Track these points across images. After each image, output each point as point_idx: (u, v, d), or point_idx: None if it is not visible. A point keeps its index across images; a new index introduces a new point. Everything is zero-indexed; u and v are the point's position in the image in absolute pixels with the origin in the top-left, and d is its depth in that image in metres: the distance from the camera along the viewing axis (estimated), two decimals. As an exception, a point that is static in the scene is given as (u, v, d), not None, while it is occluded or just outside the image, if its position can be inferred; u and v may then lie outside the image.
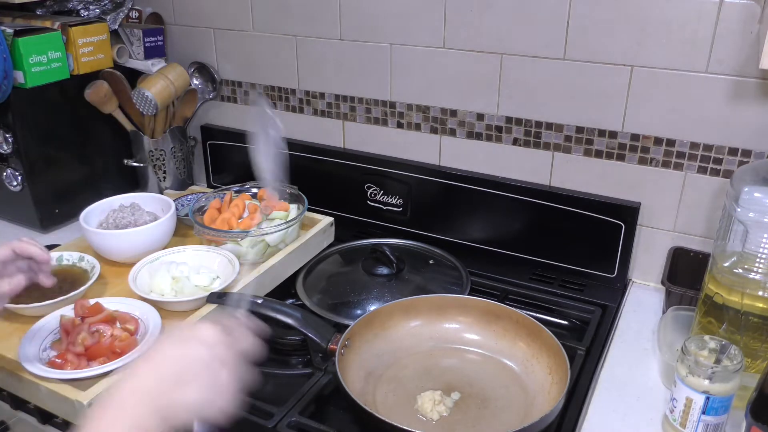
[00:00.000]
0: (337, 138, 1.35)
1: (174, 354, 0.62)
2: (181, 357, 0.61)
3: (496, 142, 1.19)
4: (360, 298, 1.06)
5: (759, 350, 0.84)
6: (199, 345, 0.62)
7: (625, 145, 1.08)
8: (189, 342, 0.63)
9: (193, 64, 1.43)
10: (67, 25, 1.29)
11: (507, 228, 1.21)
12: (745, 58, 0.95)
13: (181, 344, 0.63)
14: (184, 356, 0.61)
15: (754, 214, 0.80)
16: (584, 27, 1.04)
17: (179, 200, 1.32)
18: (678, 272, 1.07)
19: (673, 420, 0.81)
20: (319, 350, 0.93)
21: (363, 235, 1.30)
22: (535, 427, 0.77)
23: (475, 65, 1.15)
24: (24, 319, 0.96)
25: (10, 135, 1.27)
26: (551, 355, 0.89)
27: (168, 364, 0.61)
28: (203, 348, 0.62)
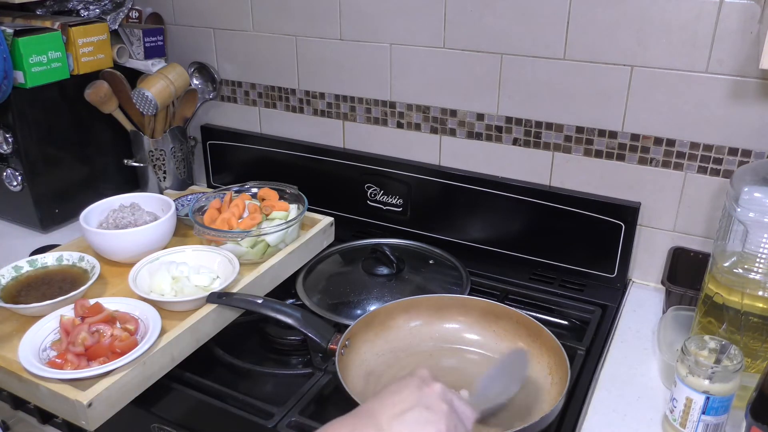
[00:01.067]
0: (337, 138, 1.35)
1: (414, 395, 0.65)
2: (421, 395, 0.65)
3: (496, 142, 1.19)
4: (360, 298, 1.06)
5: (759, 350, 0.84)
6: (439, 396, 0.66)
7: (625, 145, 1.09)
8: (428, 387, 0.66)
9: (193, 64, 1.43)
10: (67, 25, 1.29)
11: (507, 228, 1.21)
12: (745, 58, 0.95)
13: (420, 388, 0.66)
14: (424, 395, 0.65)
15: (754, 214, 0.80)
16: (584, 27, 1.04)
17: (179, 200, 1.32)
18: (678, 272, 1.07)
19: (673, 420, 0.81)
20: (319, 350, 0.93)
21: (363, 235, 1.30)
22: (535, 427, 0.77)
23: (475, 65, 1.15)
24: (24, 319, 0.96)
25: (10, 135, 1.27)
26: (551, 355, 0.89)
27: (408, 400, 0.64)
28: (441, 398, 0.66)
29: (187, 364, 0.93)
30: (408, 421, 0.62)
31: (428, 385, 0.67)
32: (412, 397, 0.65)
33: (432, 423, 0.63)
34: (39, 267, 1.07)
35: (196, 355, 0.95)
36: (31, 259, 1.07)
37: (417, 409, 0.63)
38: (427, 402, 0.64)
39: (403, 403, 0.64)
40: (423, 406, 0.64)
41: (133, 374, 0.85)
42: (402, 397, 0.65)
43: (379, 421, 0.62)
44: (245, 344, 1.05)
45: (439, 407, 0.64)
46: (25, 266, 1.06)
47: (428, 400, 0.65)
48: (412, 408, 0.63)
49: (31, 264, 1.07)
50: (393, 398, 0.65)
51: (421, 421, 0.62)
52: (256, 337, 1.06)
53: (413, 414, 0.63)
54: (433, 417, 0.63)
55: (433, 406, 0.64)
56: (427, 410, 0.63)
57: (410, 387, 0.66)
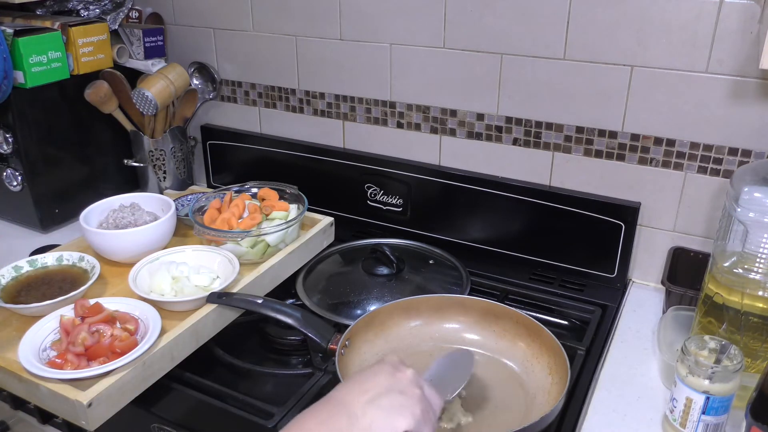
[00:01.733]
0: (337, 138, 1.35)
1: (386, 380, 0.65)
2: (394, 381, 0.65)
3: (496, 142, 1.19)
4: (360, 298, 1.06)
5: (759, 350, 0.84)
6: (412, 381, 0.65)
7: (625, 145, 1.08)
8: (400, 373, 0.66)
9: (193, 64, 1.43)
10: (67, 25, 1.29)
11: (507, 228, 1.21)
12: (745, 58, 0.95)
13: (392, 374, 0.66)
14: (397, 380, 0.65)
15: (754, 214, 0.80)
16: (584, 27, 1.04)
17: (179, 200, 1.32)
18: (678, 272, 1.07)
19: (673, 420, 0.81)
20: (319, 350, 0.93)
21: (363, 235, 1.30)
22: (535, 427, 0.77)
23: (475, 65, 1.15)
24: (24, 319, 0.96)
25: (10, 135, 1.27)
26: (551, 355, 0.89)
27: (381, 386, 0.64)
28: (414, 384, 0.65)
29: (187, 364, 0.93)
30: (383, 406, 0.61)
31: (400, 370, 0.66)
32: (385, 382, 0.64)
33: (406, 407, 0.62)
34: (39, 267, 1.07)
35: (196, 355, 0.95)
36: (31, 259, 1.07)
37: (391, 394, 0.63)
38: (400, 387, 0.64)
39: (376, 389, 0.63)
40: (396, 391, 0.63)
41: (133, 374, 0.85)
42: (375, 383, 0.64)
43: (352, 408, 0.61)
44: (245, 344, 1.05)
45: (413, 392, 0.64)
46: (25, 266, 1.06)
47: (401, 386, 0.64)
48: (386, 393, 0.63)
49: (31, 264, 1.07)
50: (365, 384, 0.64)
51: (395, 406, 0.62)
52: (256, 337, 1.06)
53: (387, 399, 0.62)
54: (408, 402, 0.63)
55: (406, 391, 0.64)
56: (400, 395, 0.63)
57: (382, 373, 0.66)
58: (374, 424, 0.60)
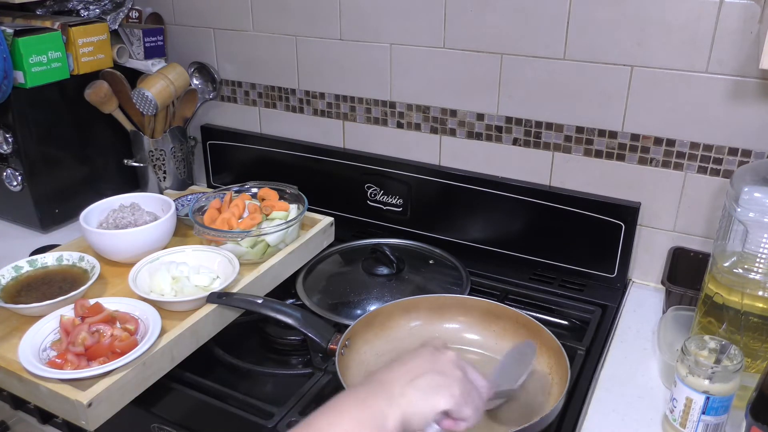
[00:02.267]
0: (337, 138, 1.35)
1: (427, 362, 0.65)
2: (434, 362, 0.65)
3: (496, 142, 1.19)
4: (360, 298, 1.06)
5: (759, 350, 0.84)
6: (452, 362, 0.66)
7: (625, 145, 1.08)
8: (441, 355, 0.66)
9: (193, 64, 1.43)
10: (67, 25, 1.29)
11: (507, 228, 1.21)
12: (745, 58, 0.95)
13: (433, 356, 0.66)
14: (437, 362, 0.65)
15: (754, 214, 0.80)
16: (584, 27, 1.04)
17: (179, 200, 1.32)
18: (678, 272, 1.07)
19: (673, 420, 0.81)
20: (319, 350, 0.93)
21: (363, 235, 1.30)
22: (535, 427, 0.77)
23: (475, 65, 1.15)
24: (24, 319, 0.96)
25: (10, 135, 1.27)
26: (551, 355, 0.89)
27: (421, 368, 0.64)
28: (455, 365, 0.66)
29: (187, 364, 0.93)
30: (420, 386, 0.62)
31: (442, 353, 0.67)
32: (424, 364, 0.64)
33: (445, 387, 0.62)
34: (39, 267, 1.07)
35: (196, 355, 0.95)
36: (31, 259, 1.07)
37: (429, 374, 0.63)
38: (439, 368, 0.64)
39: (415, 370, 0.63)
40: (436, 372, 0.63)
41: (133, 374, 0.85)
42: (414, 365, 0.64)
43: (391, 388, 0.61)
44: (245, 344, 1.05)
45: (453, 372, 0.64)
46: (25, 266, 1.06)
47: (441, 366, 0.64)
48: (424, 374, 0.63)
49: (31, 264, 1.07)
50: (405, 367, 0.64)
51: (433, 386, 0.62)
52: (256, 337, 1.06)
53: (425, 379, 0.62)
54: (446, 381, 0.63)
55: (446, 372, 0.64)
56: (439, 375, 0.63)
57: (423, 355, 0.66)
58: (413, 403, 0.60)
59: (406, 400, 0.60)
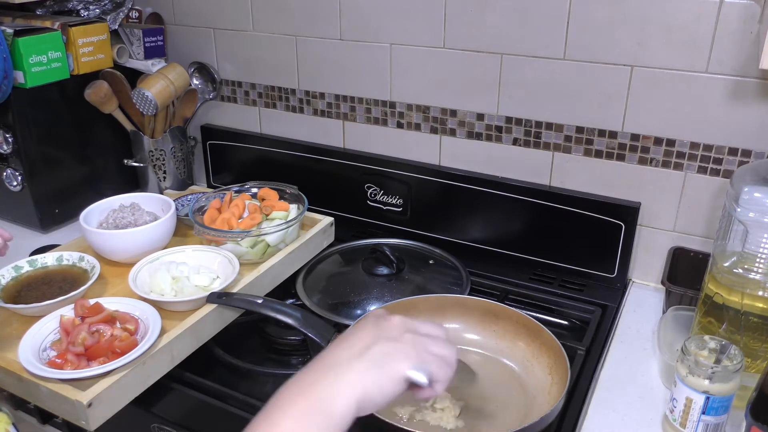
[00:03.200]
0: (337, 138, 1.35)
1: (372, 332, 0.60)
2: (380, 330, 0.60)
3: (496, 142, 1.19)
4: (360, 298, 1.06)
5: (759, 350, 0.84)
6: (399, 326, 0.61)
7: (625, 145, 1.08)
8: (385, 321, 0.61)
9: (193, 64, 1.43)
10: (67, 25, 1.29)
11: (507, 228, 1.21)
12: (745, 58, 0.95)
13: (377, 324, 0.61)
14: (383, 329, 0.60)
15: (754, 214, 0.80)
16: (584, 27, 1.04)
17: (179, 200, 1.32)
18: (678, 272, 1.07)
19: (673, 420, 0.81)
20: (319, 350, 0.92)
21: (363, 235, 1.30)
22: (535, 427, 0.77)
23: (475, 65, 1.15)
24: (24, 319, 0.96)
25: (10, 135, 1.27)
26: (551, 355, 0.89)
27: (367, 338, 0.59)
28: (402, 328, 0.60)
29: (187, 364, 0.93)
30: (370, 358, 0.56)
31: (386, 319, 0.62)
32: (370, 334, 0.59)
33: (399, 352, 0.57)
34: (39, 267, 1.07)
35: (196, 355, 0.95)
36: (31, 259, 1.07)
37: (378, 343, 0.58)
38: (387, 334, 0.59)
39: (360, 342, 0.58)
40: (383, 339, 0.58)
41: (133, 374, 0.85)
42: (358, 338, 0.59)
43: (337, 368, 0.56)
44: (245, 344, 1.05)
45: (403, 337, 0.59)
46: (25, 266, 1.06)
47: (388, 333, 0.59)
48: (372, 344, 0.58)
49: (31, 264, 1.07)
50: (348, 341, 0.59)
51: (385, 353, 0.57)
52: (256, 337, 1.06)
53: (375, 349, 0.57)
54: (399, 346, 0.58)
55: (395, 337, 0.59)
56: (389, 341, 0.58)
57: (366, 326, 0.61)
58: (366, 378, 0.55)
59: (357, 376, 0.55)
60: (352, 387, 0.54)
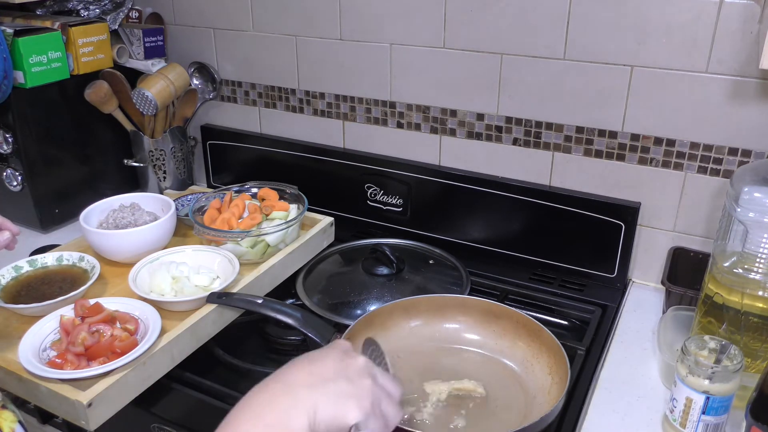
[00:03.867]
0: (337, 138, 1.35)
1: (335, 367, 0.60)
2: (344, 367, 0.60)
3: (496, 142, 1.19)
4: (360, 298, 1.06)
5: (759, 350, 0.84)
6: (362, 369, 0.61)
7: (625, 145, 1.08)
8: (350, 359, 0.61)
9: (193, 64, 1.43)
10: (67, 25, 1.29)
11: (507, 228, 1.21)
12: (745, 58, 0.95)
13: (342, 360, 0.61)
14: (347, 368, 0.60)
15: (754, 214, 0.80)
16: (584, 27, 1.04)
17: (179, 200, 1.32)
18: (678, 272, 1.07)
19: (673, 420, 0.81)
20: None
21: (363, 235, 1.30)
22: (535, 427, 0.77)
23: (475, 65, 1.15)
24: (24, 319, 0.96)
25: (10, 135, 1.27)
26: (551, 355, 0.89)
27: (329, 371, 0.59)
28: (365, 372, 0.61)
29: (187, 364, 0.93)
30: (328, 393, 0.57)
31: (351, 356, 0.62)
32: (333, 366, 0.59)
33: (355, 397, 0.57)
34: (39, 267, 1.07)
35: (196, 355, 0.95)
36: (31, 259, 1.07)
37: (339, 381, 0.58)
38: (349, 374, 0.59)
39: (322, 374, 0.58)
40: (345, 378, 0.58)
41: (133, 374, 0.85)
42: (322, 365, 0.59)
43: (296, 391, 0.56)
44: (245, 344, 1.05)
45: (363, 381, 0.59)
46: (25, 266, 1.06)
47: (350, 373, 0.59)
48: (333, 379, 0.58)
49: (31, 264, 1.07)
50: (311, 367, 0.59)
51: (342, 394, 0.57)
52: (256, 337, 1.06)
53: (335, 386, 0.57)
54: (357, 391, 0.58)
55: (355, 380, 0.59)
56: (349, 383, 0.58)
57: (331, 357, 0.61)
58: (320, 409, 0.55)
59: (312, 404, 0.55)
60: (306, 413, 0.55)
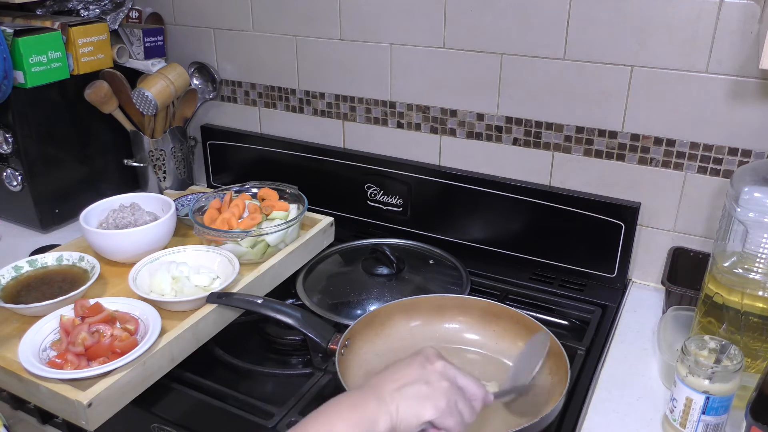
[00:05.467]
0: (337, 138, 1.35)
1: (416, 371, 0.68)
2: (423, 372, 0.68)
3: (496, 142, 1.19)
4: (360, 298, 1.06)
5: (759, 350, 0.84)
6: (440, 373, 0.68)
7: (625, 145, 1.08)
8: (430, 365, 0.69)
9: (193, 64, 1.43)
10: (67, 25, 1.29)
11: (507, 228, 1.21)
12: (745, 58, 0.95)
13: (423, 365, 0.69)
14: (426, 372, 0.68)
15: (754, 214, 0.80)
16: (584, 27, 1.04)
17: (179, 200, 1.32)
18: (678, 272, 1.07)
19: (673, 420, 0.81)
20: (319, 350, 0.93)
21: (363, 235, 1.30)
22: (535, 427, 0.77)
23: (475, 65, 1.15)
24: (24, 319, 0.96)
25: (10, 135, 1.27)
26: (551, 355, 0.89)
27: (410, 376, 0.67)
28: (443, 375, 0.68)
29: (187, 364, 0.93)
30: (408, 395, 0.65)
31: (431, 362, 0.69)
32: (414, 373, 0.67)
33: (430, 398, 0.65)
34: (39, 267, 1.07)
35: (196, 355, 0.95)
36: (31, 259, 1.07)
37: (417, 384, 0.66)
38: (427, 378, 0.67)
39: (405, 378, 0.66)
40: (423, 382, 0.66)
41: (133, 374, 0.85)
42: (405, 373, 0.67)
43: (381, 393, 0.65)
44: (245, 344, 1.05)
45: (440, 384, 0.67)
46: (25, 266, 1.06)
47: (429, 377, 0.67)
48: (413, 383, 0.66)
49: (31, 264, 1.07)
50: (396, 374, 0.67)
51: (419, 396, 0.65)
52: (256, 337, 1.06)
53: (413, 389, 0.65)
54: (432, 393, 0.66)
55: (433, 383, 0.66)
56: (426, 386, 0.66)
57: (414, 364, 0.69)
58: (400, 411, 0.64)
59: (395, 407, 0.64)
60: (389, 416, 0.63)
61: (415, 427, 0.64)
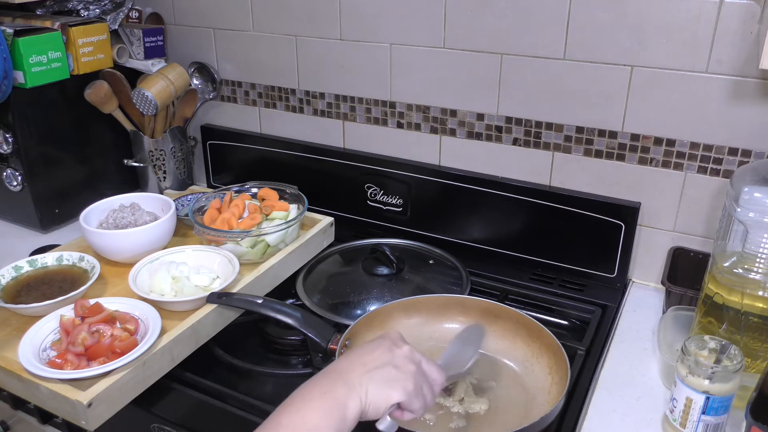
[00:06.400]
0: (337, 138, 1.35)
1: (383, 355, 0.69)
2: (390, 356, 0.69)
3: (496, 142, 1.19)
4: (360, 298, 1.06)
5: (759, 350, 0.84)
6: (407, 357, 0.70)
7: (625, 145, 1.09)
8: (397, 349, 0.71)
9: (193, 64, 1.43)
10: (67, 25, 1.29)
11: (507, 228, 1.21)
12: (745, 58, 0.95)
13: (390, 349, 0.70)
14: (393, 356, 0.69)
15: (754, 214, 0.80)
16: (584, 27, 1.04)
17: (179, 200, 1.32)
18: (678, 272, 1.07)
19: (673, 420, 0.81)
20: (319, 350, 0.93)
21: (363, 235, 1.30)
22: (535, 427, 0.77)
23: (475, 65, 1.15)
24: (24, 319, 0.96)
25: (10, 135, 1.27)
26: (551, 355, 0.89)
27: (378, 360, 0.69)
28: (409, 359, 0.70)
29: (187, 364, 0.93)
30: (377, 378, 0.66)
31: (398, 346, 0.71)
32: (383, 356, 0.69)
33: (399, 381, 0.67)
34: (39, 267, 1.07)
35: (196, 355, 0.95)
36: (31, 259, 1.07)
37: (386, 367, 0.68)
38: (396, 362, 0.68)
39: (373, 362, 0.68)
40: (392, 365, 0.68)
41: (133, 374, 0.85)
42: (373, 356, 0.69)
43: (350, 377, 0.66)
44: (245, 344, 1.05)
45: (407, 367, 0.68)
46: (25, 266, 1.06)
47: (397, 360, 0.69)
48: (381, 366, 0.67)
49: (31, 264, 1.07)
50: (364, 357, 0.69)
51: (389, 379, 0.67)
52: (256, 337, 1.06)
53: (382, 372, 0.67)
54: (401, 376, 0.67)
55: (400, 366, 0.68)
56: (395, 369, 0.68)
57: (381, 347, 0.70)
58: (370, 393, 0.65)
59: (364, 390, 0.65)
60: (359, 400, 0.65)
61: (383, 409, 0.66)
